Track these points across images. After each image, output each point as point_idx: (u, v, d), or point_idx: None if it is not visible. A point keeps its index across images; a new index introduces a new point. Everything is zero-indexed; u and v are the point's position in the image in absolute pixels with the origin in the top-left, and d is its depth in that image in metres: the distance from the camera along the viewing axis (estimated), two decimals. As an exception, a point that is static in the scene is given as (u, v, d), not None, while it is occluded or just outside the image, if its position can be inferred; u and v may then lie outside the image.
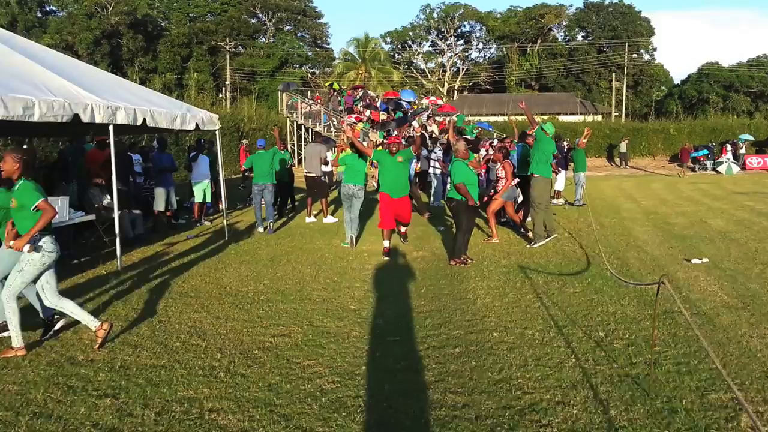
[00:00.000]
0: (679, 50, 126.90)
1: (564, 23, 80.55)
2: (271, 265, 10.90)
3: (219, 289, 9.20)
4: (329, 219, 16.27)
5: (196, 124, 12.55)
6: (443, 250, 12.11)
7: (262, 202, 14.71)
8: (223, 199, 14.16)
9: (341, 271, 10.35)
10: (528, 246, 12.39)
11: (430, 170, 19.67)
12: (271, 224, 14.74)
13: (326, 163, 17.16)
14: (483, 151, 18.25)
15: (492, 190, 14.05)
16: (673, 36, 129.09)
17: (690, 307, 7.90)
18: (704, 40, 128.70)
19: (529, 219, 13.58)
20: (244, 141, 23.08)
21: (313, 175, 16.74)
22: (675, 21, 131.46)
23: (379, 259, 11.34)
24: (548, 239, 12.51)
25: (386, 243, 11.63)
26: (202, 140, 17.49)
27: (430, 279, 9.73)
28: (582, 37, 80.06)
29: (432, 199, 18.72)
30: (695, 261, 10.71)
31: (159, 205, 14.48)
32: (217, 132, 13.74)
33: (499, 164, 13.56)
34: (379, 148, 14.86)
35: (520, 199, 14.49)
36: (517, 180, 13.63)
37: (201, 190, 15.65)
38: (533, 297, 8.55)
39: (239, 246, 12.83)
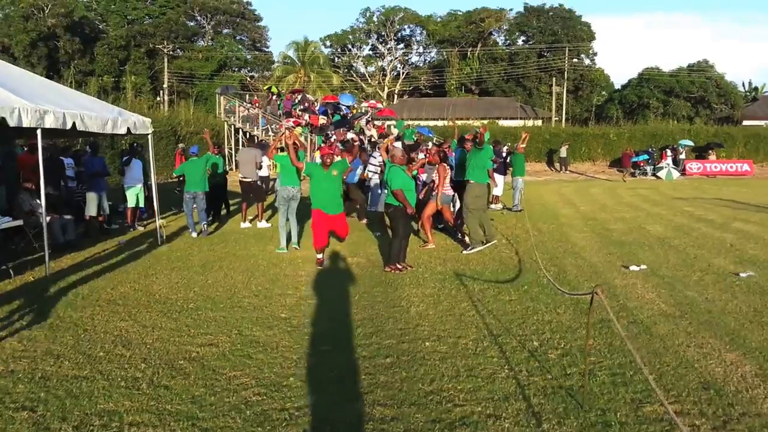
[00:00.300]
0: (620, 55, 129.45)
1: (504, 27, 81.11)
2: (203, 271, 10.67)
3: (148, 296, 8.95)
4: (263, 224, 16.12)
5: (128, 129, 12.41)
6: (379, 256, 11.95)
7: (194, 208, 14.54)
8: (155, 204, 13.80)
9: (274, 278, 10.16)
10: (464, 252, 12.32)
11: (369, 174, 19.51)
12: (205, 226, 14.64)
13: (260, 168, 16.95)
14: (421, 155, 18.13)
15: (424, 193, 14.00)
16: (613, 41, 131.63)
17: (627, 316, 7.87)
18: (645, 45, 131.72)
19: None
20: (181, 145, 22.66)
21: (249, 180, 16.44)
22: (616, 25, 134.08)
23: (313, 266, 11.15)
24: (486, 246, 12.45)
25: (319, 255, 11.37)
26: (135, 144, 17.16)
27: (364, 286, 9.57)
28: (522, 41, 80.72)
29: (369, 204, 18.56)
30: (633, 268, 10.73)
31: (91, 210, 14.19)
32: (149, 136, 13.55)
33: (435, 167, 13.46)
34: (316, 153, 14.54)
35: (459, 204, 14.40)
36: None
37: (134, 195, 15.31)
38: (468, 305, 8.43)
39: (171, 252, 12.56)
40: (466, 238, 13.02)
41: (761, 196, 25.02)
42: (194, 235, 14.38)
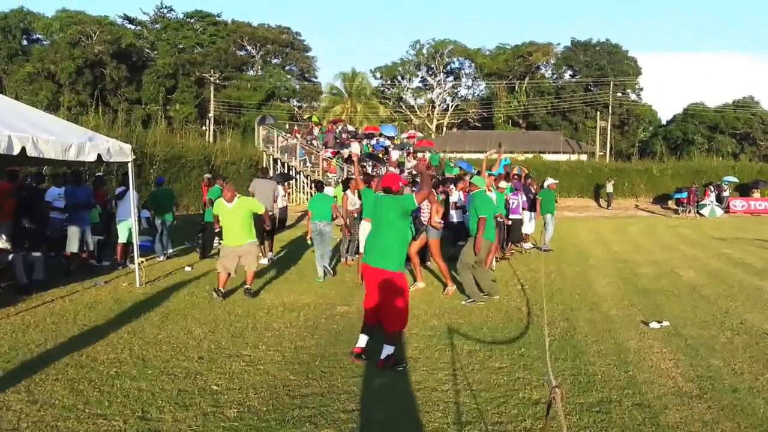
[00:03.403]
0: (667, 91, 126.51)
1: (551, 61, 79.87)
2: (161, 323, 9.04)
3: (73, 357, 7.27)
4: (264, 260, 14.83)
5: (99, 155, 10.82)
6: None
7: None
8: (134, 241, 12.39)
9: (237, 333, 8.54)
10: (462, 303, 10.78)
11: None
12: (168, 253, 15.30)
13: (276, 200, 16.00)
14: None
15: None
16: (660, 76, 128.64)
17: (633, 395, 6.31)
18: (691, 81, 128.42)
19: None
20: (207, 176, 21.56)
21: (271, 213, 15.26)
22: (662, 61, 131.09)
23: (290, 316, 9.59)
24: (480, 299, 10.80)
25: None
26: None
27: (341, 344, 8.05)
28: (569, 75, 79.28)
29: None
30: (653, 325, 9.13)
31: (72, 246, 12.59)
32: (130, 164, 12.07)
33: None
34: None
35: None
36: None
37: (126, 229, 13.66)
38: (447, 374, 6.92)
39: (144, 296, 10.90)
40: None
41: (806, 237, 23.04)
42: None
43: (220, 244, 12.74)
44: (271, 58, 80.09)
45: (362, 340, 7.43)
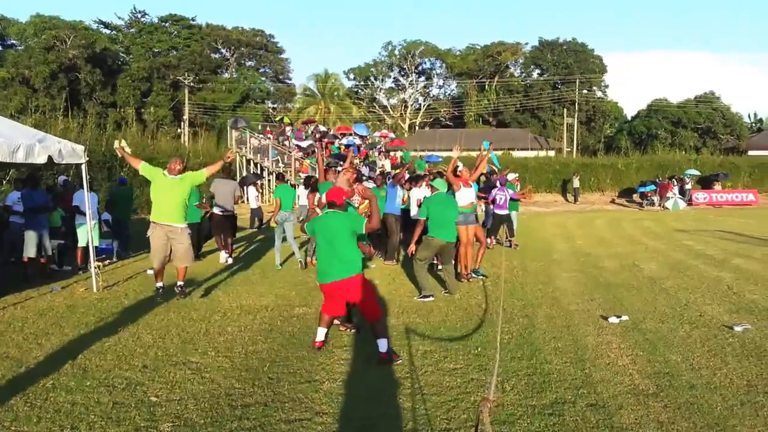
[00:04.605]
0: (631, 87, 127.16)
1: (520, 60, 79.86)
2: (111, 329, 8.42)
3: (11, 369, 6.72)
4: (227, 259, 14.57)
5: (50, 157, 10.22)
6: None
7: None
8: (91, 245, 11.83)
9: (188, 339, 8.01)
10: (416, 299, 10.44)
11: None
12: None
13: (238, 201, 15.55)
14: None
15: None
16: (625, 74, 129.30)
17: (588, 395, 5.97)
18: (654, 78, 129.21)
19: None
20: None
21: (229, 213, 14.82)
22: (627, 59, 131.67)
23: (246, 320, 9.10)
24: (428, 299, 10.42)
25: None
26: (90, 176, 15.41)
27: (294, 347, 7.63)
28: (537, 74, 79.26)
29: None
30: (612, 320, 8.81)
31: (29, 251, 11.96)
32: (83, 166, 11.49)
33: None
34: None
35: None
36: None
37: (86, 233, 13.14)
38: (398, 378, 6.53)
39: (100, 302, 10.22)
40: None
41: (764, 227, 23.02)
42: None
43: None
44: (246, 60, 79.38)
45: (321, 334, 7.54)
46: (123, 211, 15.52)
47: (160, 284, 10.06)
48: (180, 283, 10.11)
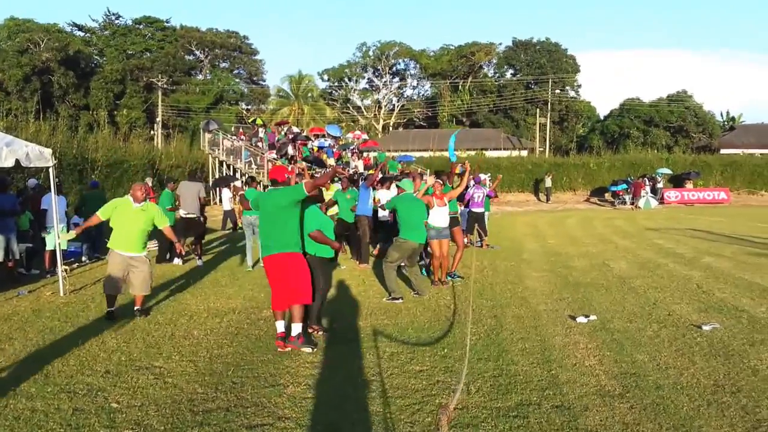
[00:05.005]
0: (604, 87, 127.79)
1: (494, 61, 79.90)
2: (76, 333, 8.27)
3: None
4: (200, 262, 14.54)
5: (17, 160, 10.10)
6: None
7: None
8: (58, 248, 11.57)
9: (153, 343, 7.88)
10: (384, 300, 10.39)
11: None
12: None
13: (206, 203, 15.31)
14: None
15: None
16: (598, 73, 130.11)
17: (554, 396, 5.92)
18: (627, 77, 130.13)
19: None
20: (148, 180, 20.68)
21: (193, 215, 14.62)
22: (600, 59, 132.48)
23: (213, 323, 8.97)
24: (398, 300, 10.38)
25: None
26: (57, 179, 15.17)
27: (259, 351, 7.51)
28: (511, 74, 79.42)
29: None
30: (581, 319, 8.79)
31: None
32: (51, 169, 11.29)
33: None
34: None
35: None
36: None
37: (53, 236, 12.95)
38: (364, 380, 6.44)
39: (67, 305, 10.10)
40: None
41: (736, 226, 23.19)
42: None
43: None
44: (219, 62, 78.85)
45: (280, 326, 7.69)
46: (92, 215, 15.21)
47: (111, 309, 9.25)
48: (137, 308, 9.49)
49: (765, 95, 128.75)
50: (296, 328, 7.42)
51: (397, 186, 12.17)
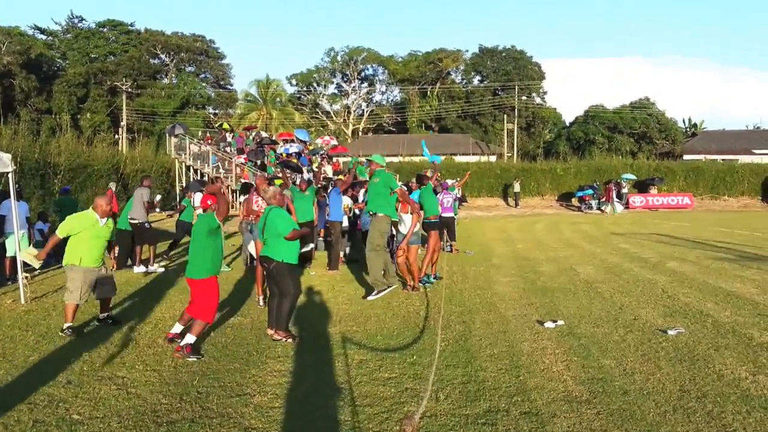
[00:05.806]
0: (569, 94, 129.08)
1: (461, 67, 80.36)
2: (37, 343, 8.04)
3: None
4: (153, 267, 14.34)
5: None
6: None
7: None
8: (18, 255, 11.28)
9: (116, 352, 7.65)
10: (367, 298, 10.34)
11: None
12: None
13: (152, 208, 15.27)
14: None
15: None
16: (563, 80, 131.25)
17: (521, 402, 5.89)
18: (591, 85, 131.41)
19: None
20: (111, 185, 20.26)
21: (137, 221, 14.37)
22: (565, 66, 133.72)
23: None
24: (388, 290, 10.44)
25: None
26: (18, 184, 14.83)
27: (225, 359, 7.38)
28: (478, 80, 79.95)
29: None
30: (548, 325, 8.79)
31: None
32: (10, 175, 11.04)
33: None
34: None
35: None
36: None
37: (13, 243, 12.63)
38: (332, 389, 6.36)
39: (27, 313, 9.86)
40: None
41: (699, 230, 23.48)
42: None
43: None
44: (185, 65, 78.18)
45: (177, 327, 8.14)
46: None
47: (69, 324, 8.66)
48: (105, 314, 9.27)
49: (726, 102, 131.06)
50: (188, 339, 7.56)
51: (370, 161, 12.08)
